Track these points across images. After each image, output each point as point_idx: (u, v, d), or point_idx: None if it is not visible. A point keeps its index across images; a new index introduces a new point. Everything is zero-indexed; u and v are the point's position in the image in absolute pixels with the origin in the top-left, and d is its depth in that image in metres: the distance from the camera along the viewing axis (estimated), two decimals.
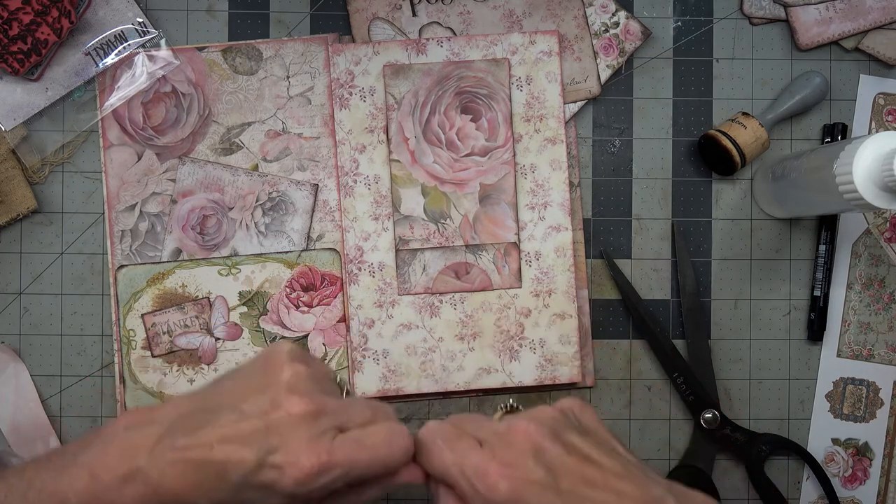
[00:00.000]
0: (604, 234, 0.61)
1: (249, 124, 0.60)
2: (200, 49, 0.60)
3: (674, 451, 0.61)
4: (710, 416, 0.59)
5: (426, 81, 0.60)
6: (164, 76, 0.60)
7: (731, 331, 0.62)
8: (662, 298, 0.61)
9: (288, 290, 0.60)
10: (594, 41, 0.61)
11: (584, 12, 0.61)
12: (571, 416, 0.40)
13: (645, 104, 0.62)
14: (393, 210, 0.60)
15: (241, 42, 0.60)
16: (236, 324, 0.60)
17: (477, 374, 0.60)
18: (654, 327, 0.60)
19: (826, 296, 0.61)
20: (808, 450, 0.61)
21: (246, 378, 0.39)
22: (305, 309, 0.60)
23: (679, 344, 0.61)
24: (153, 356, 0.59)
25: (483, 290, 0.60)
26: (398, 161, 0.60)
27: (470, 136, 0.60)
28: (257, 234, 0.60)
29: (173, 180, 0.60)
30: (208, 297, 0.60)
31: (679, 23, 0.62)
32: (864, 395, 0.61)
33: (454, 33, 0.60)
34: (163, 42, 0.60)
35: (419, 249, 0.60)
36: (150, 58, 0.60)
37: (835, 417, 0.61)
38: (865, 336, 0.62)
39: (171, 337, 0.60)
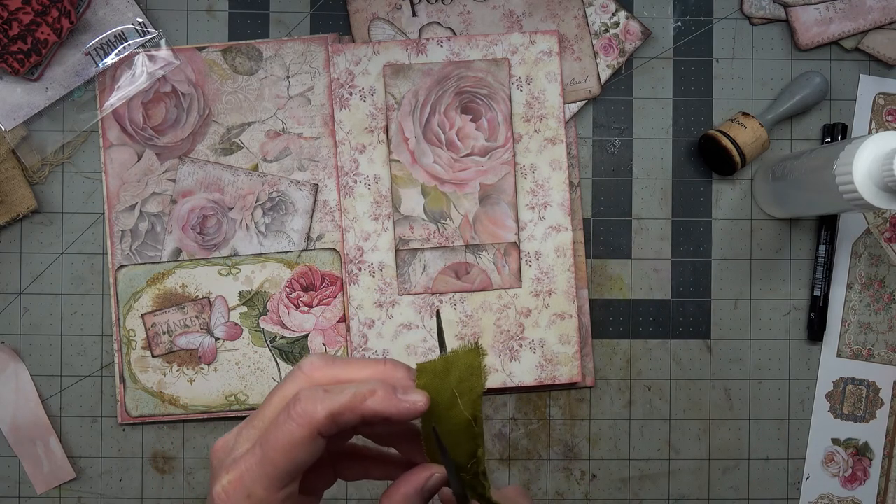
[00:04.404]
0: (604, 234, 0.61)
1: (249, 124, 0.60)
2: (200, 49, 0.60)
3: (673, 450, 0.61)
4: None
5: (426, 81, 0.60)
6: (164, 76, 0.60)
7: (731, 331, 0.62)
8: (662, 298, 0.61)
9: (288, 290, 0.60)
10: (594, 41, 0.61)
11: (584, 12, 0.61)
12: None
13: (645, 104, 0.62)
14: (393, 210, 0.60)
15: (241, 42, 0.60)
16: (236, 324, 0.60)
17: None
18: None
19: (826, 296, 0.61)
20: (808, 450, 0.61)
21: None
22: (305, 309, 0.60)
23: (679, 344, 0.61)
24: (153, 356, 0.59)
25: (483, 290, 0.60)
26: (398, 161, 0.60)
27: (470, 136, 0.60)
28: (257, 234, 0.60)
29: (173, 180, 0.60)
30: (208, 297, 0.60)
31: (679, 23, 0.62)
32: (864, 395, 0.61)
33: (454, 33, 0.60)
34: (163, 42, 0.60)
35: (419, 249, 0.60)
36: (150, 58, 0.60)
37: (835, 417, 0.61)
38: (865, 336, 0.62)
39: (171, 337, 0.60)
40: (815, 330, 0.61)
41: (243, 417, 0.60)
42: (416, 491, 0.35)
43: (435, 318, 0.37)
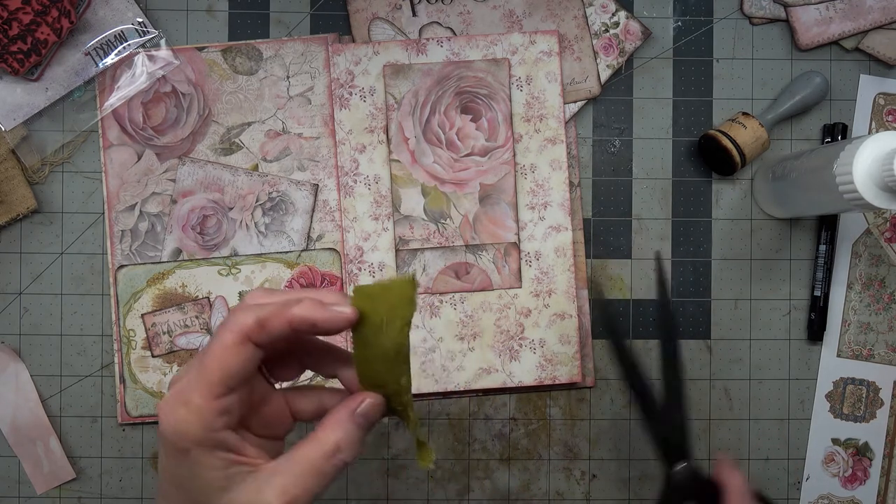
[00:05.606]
0: (604, 234, 0.61)
1: (249, 124, 0.60)
2: (200, 49, 0.60)
3: None
4: (681, 468, 0.50)
5: (426, 81, 0.60)
6: (164, 76, 0.60)
7: (731, 331, 0.62)
8: None
9: (288, 289, 0.60)
10: (594, 41, 0.61)
11: (584, 12, 0.61)
12: None
13: (645, 104, 0.62)
14: (393, 210, 0.60)
15: (241, 42, 0.60)
16: None
17: (477, 374, 0.60)
18: (640, 370, 0.52)
19: (826, 296, 0.61)
20: (808, 450, 0.61)
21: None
22: None
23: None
24: (153, 356, 0.59)
25: (483, 290, 0.60)
26: (398, 161, 0.60)
27: (470, 136, 0.60)
28: (257, 234, 0.60)
29: (173, 180, 0.60)
30: (208, 297, 0.60)
31: (679, 23, 0.62)
32: (864, 395, 0.61)
33: (454, 33, 0.60)
34: (163, 42, 0.60)
35: (419, 249, 0.60)
36: (150, 58, 0.60)
37: (835, 417, 0.61)
38: (865, 336, 0.62)
39: (171, 337, 0.60)
40: (815, 330, 0.61)
41: None
42: (349, 414, 0.36)
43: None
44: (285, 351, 0.38)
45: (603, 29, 0.61)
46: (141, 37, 0.59)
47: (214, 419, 0.34)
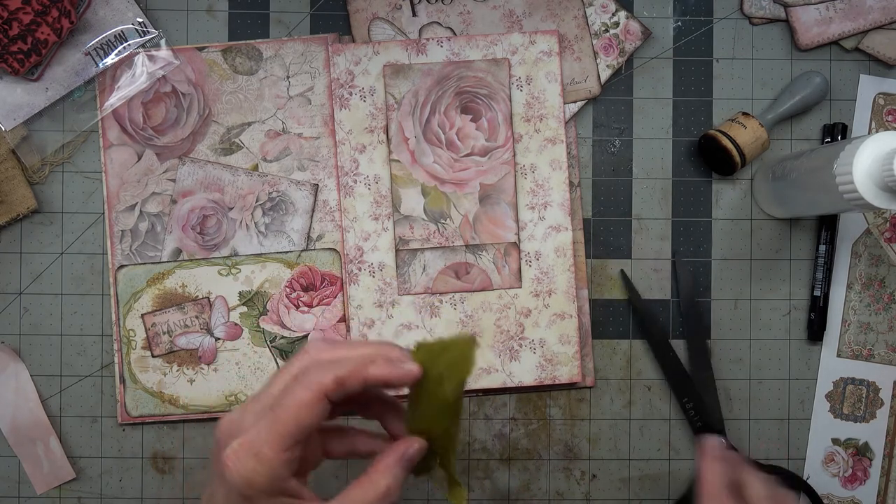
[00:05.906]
0: (604, 234, 0.61)
1: (249, 124, 0.60)
2: (200, 49, 0.60)
3: (673, 450, 0.61)
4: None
5: (426, 81, 0.60)
6: (164, 76, 0.60)
7: (731, 331, 0.62)
8: (662, 298, 0.61)
9: (288, 290, 0.60)
10: (594, 41, 0.61)
11: (584, 12, 0.61)
12: None
13: (645, 104, 0.62)
14: (393, 210, 0.60)
15: (241, 42, 0.60)
16: (236, 324, 0.60)
17: (477, 374, 0.60)
18: (672, 356, 0.60)
19: (826, 296, 0.61)
20: (808, 450, 0.61)
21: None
22: (305, 309, 0.60)
23: (679, 344, 0.61)
24: (153, 356, 0.59)
25: (483, 290, 0.60)
26: (398, 161, 0.60)
27: (470, 136, 0.60)
28: (257, 234, 0.60)
29: (173, 180, 0.60)
30: (208, 297, 0.60)
31: (679, 23, 0.62)
32: (864, 395, 0.61)
33: (454, 33, 0.60)
34: (163, 42, 0.60)
35: (419, 249, 0.60)
36: (150, 58, 0.60)
37: (835, 417, 0.61)
38: (865, 336, 0.62)
39: (171, 337, 0.60)
40: (815, 330, 0.61)
41: None
42: (397, 460, 0.39)
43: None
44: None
45: (603, 29, 0.61)
46: (141, 37, 0.59)
47: (282, 469, 0.36)
